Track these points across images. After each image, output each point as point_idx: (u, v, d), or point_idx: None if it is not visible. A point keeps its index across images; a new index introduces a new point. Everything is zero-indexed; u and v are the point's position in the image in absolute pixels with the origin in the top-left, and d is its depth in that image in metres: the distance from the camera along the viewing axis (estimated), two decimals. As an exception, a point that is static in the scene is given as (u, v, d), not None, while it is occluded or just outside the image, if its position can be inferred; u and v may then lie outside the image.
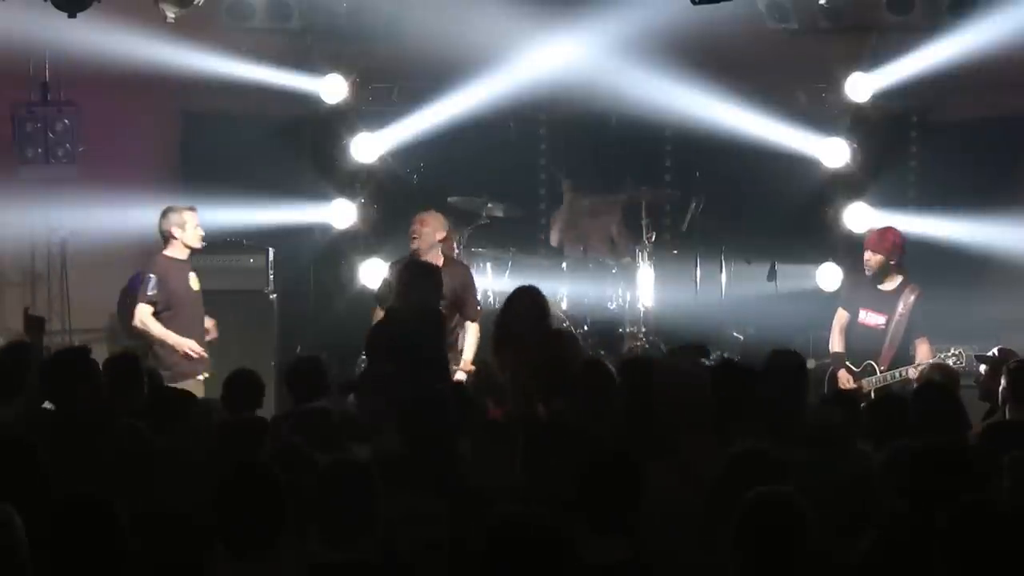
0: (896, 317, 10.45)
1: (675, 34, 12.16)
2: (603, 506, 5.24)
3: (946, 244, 12.68)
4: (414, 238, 10.65)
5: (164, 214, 10.45)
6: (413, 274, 9.39)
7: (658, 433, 6.70)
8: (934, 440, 5.75)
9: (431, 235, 10.66)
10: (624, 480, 5.30)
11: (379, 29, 13.04)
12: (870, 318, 10.58)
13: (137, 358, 8.15)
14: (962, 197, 12.90)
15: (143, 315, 10.24)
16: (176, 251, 10.42)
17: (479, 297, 12.07)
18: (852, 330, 10.64)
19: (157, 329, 10.20)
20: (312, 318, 13.40)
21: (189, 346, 10.16)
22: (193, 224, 10.39)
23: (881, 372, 10.31)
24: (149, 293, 10.21)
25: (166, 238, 10.43)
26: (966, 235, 12.72)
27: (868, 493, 5.77)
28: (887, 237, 10.65)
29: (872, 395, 10.00)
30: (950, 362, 9.99)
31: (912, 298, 10.48)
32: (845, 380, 10.25)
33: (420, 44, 12.78)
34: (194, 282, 10.45)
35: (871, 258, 10.60)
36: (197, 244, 10.44)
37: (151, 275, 10.30)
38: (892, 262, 10.54)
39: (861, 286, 10.82)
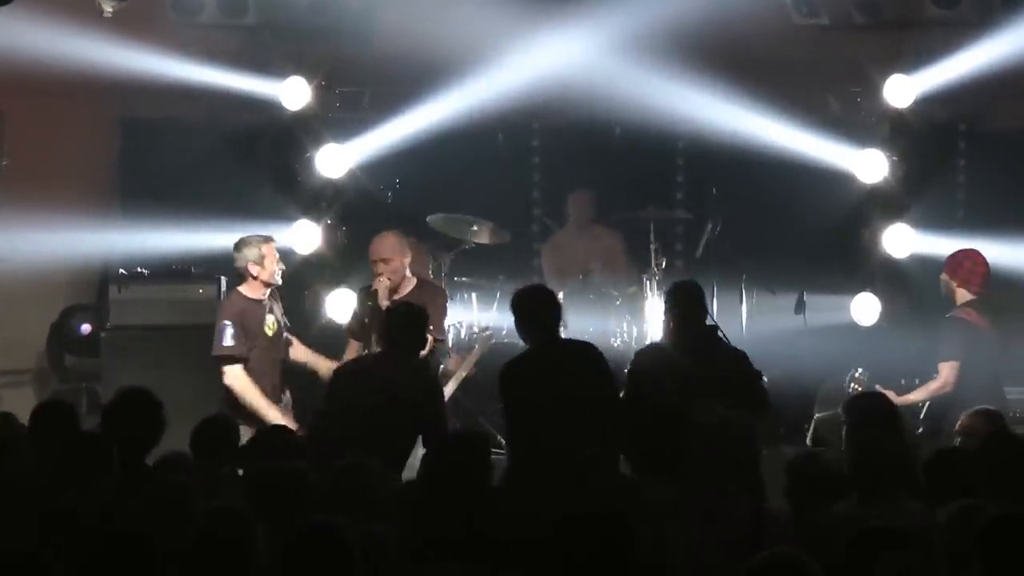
0: None
1: (688, 30, 12.29)
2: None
3: (999, 270, 12.50)
4: (386, 278, 10.56)
5: (239, 247, 10.43)
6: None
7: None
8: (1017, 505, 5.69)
9: (400, 268, 10.67)
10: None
11: (347, 25, 13.11)
12: None
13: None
14: (1017, 216, 12.91)
15: (234, 377, 10.19)
16: (253, 289, 10.41)
17: (462, 333, 11.96)
18: None
19: (251, 397, 10.12)
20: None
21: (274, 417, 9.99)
22: (273, 258, 10.37)
23: None
24: (226, 344, 10.19)
25: (242, 275, 10.39)
26: (1023, 260, 12.69)
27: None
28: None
29: None
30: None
31: None
32: None
33: (395, 42, 12.88)
34: (270, 326, 10.40)
35: None
36: (278, 280, 10.43)
37: (225, 322, 10.25)
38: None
39: None
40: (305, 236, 13.17)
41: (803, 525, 6.57)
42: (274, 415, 9.99)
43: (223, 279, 12.33)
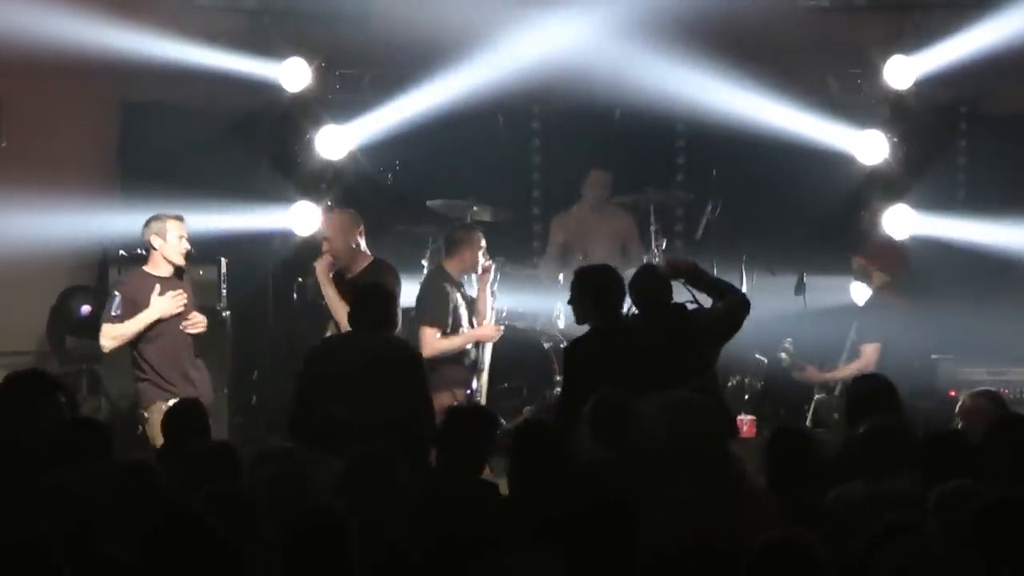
0: None
1: (688, 12, 12.30)
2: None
3: (999, 252, 12.69)
4: (329, 256, 10.92)
5: (147, 222, 10.41)
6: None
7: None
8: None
9: (342, 247, 10.89)
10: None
11: (347, 7, 13.12)
12: None
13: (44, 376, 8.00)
14: (1018, 198, 12.88)
15: (104, 335, 10.22)
16: (155, 266, 10.36)
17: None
18: None
19: (126, 328, 10.14)
20: (271, 339, 13.26)
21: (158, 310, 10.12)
22: (177, 235, 10.34)
23: None
24: (113, 314, 10.21)
25: (147, 250, 10.39)
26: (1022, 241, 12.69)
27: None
28: None
29: None
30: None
31: None
32: None
33: (395, 24, 12.85)
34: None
35: None
36: (179, 260, 10.38)
37: (116, 292, 10.32)
38: None
39: None
40: (305, 218, 13.13)
41: (802, 509, 6.55)
42: (155, 310, 10.11)
43: (223, 261, 12.37)
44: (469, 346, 11.14)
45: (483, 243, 11.34)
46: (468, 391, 11.01)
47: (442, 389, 10.59)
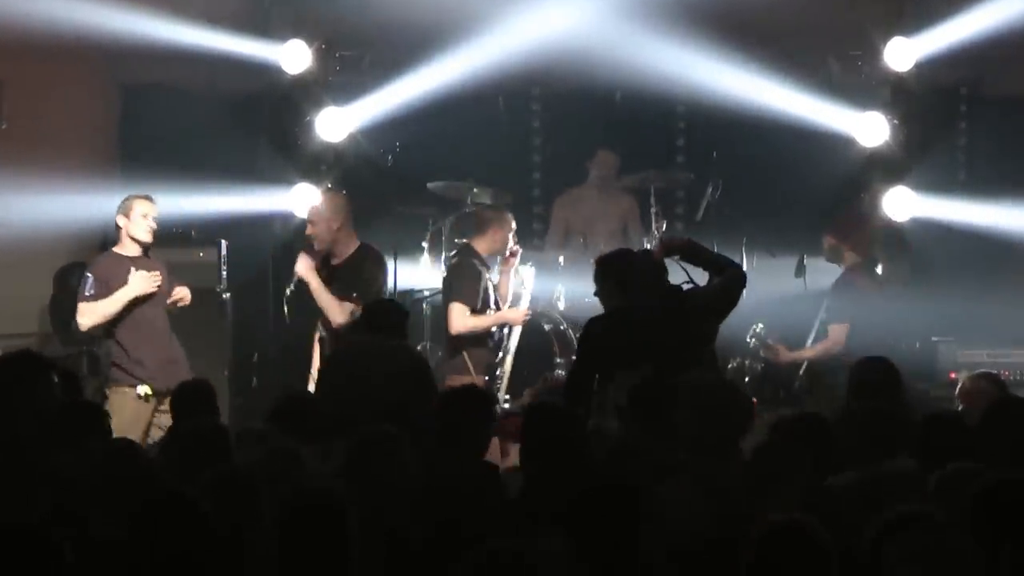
0: None
1: None
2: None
3: (999, 235, 12.65)
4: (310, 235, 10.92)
5: (120, 204, 10.49)
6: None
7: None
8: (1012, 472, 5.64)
9: (325, 231, 10.88)
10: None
11: (348, -11, 13.02)
12: None
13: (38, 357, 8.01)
14: (1018, 179, 12.83)
15: (80, 313, 10.34)
16: (124, 246, 10.45)
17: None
18: None
19: (103, 306, 10.22)
20: (271, 321, 13.23)
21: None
22: (141, 213, 10.42)
23: None
24: (87, 294, 10.33)
25: (118, 231, 10.48)
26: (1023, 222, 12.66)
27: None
28: None
29: None
30: None
31: None
32: None
33: (395, 5, 12.74)
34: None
35: None
36: (142, 236, 10.45)
37: (88, 274, 10.41)
38: None
39: None
40: (305, 200, 13.05)
41: (809, 493, 6.54)
42: (132, 288, 10.22)
43: (223, 243, 12.39)
44: (494, 328, 11.13)
45: (514, 225, 11.32)
46: (487, 377, 10.97)
47: (464, 371, 10.63)
